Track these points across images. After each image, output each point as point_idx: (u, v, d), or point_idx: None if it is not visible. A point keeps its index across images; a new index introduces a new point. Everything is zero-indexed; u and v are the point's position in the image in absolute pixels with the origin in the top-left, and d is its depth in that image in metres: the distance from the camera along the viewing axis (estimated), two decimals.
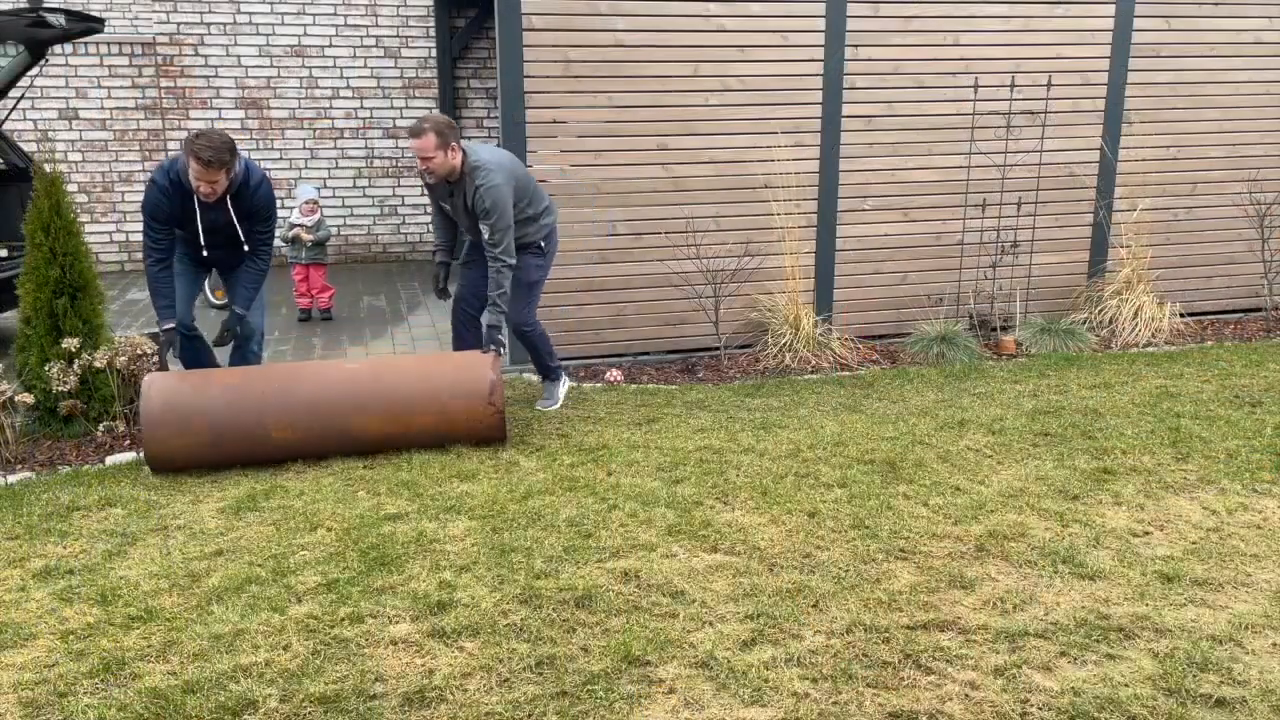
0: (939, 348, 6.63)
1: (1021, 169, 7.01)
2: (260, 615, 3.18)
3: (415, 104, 10.62)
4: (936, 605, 3.20)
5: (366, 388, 4.61)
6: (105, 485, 4.44)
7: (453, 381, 4.69)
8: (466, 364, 4.76)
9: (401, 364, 4.85)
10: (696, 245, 6.50)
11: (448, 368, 4.76)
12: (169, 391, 4.51)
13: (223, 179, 4.57)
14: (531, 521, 3.88)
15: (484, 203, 4.82)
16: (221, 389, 4.56)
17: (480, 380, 4.69)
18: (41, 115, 9.89)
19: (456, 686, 2.78)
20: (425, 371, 4.73)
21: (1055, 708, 2.66)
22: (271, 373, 4.76)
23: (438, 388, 4.66)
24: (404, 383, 4.65)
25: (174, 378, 4.64)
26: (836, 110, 6.68)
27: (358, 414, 4.57)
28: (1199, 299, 7.71)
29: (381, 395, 4.60)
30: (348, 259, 10.68)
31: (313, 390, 4.59)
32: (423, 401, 4.63)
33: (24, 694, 2.80)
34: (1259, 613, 3.15)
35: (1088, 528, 3.78)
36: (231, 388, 4.57)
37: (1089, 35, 7.01)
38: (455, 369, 4.74)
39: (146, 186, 4.62)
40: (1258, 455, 4.50)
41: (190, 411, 4.47)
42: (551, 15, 6.14)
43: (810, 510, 3.95)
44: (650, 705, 2.69)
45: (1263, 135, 7.55)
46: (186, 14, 10.00)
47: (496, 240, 4.86)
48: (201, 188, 4.56)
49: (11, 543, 3.86)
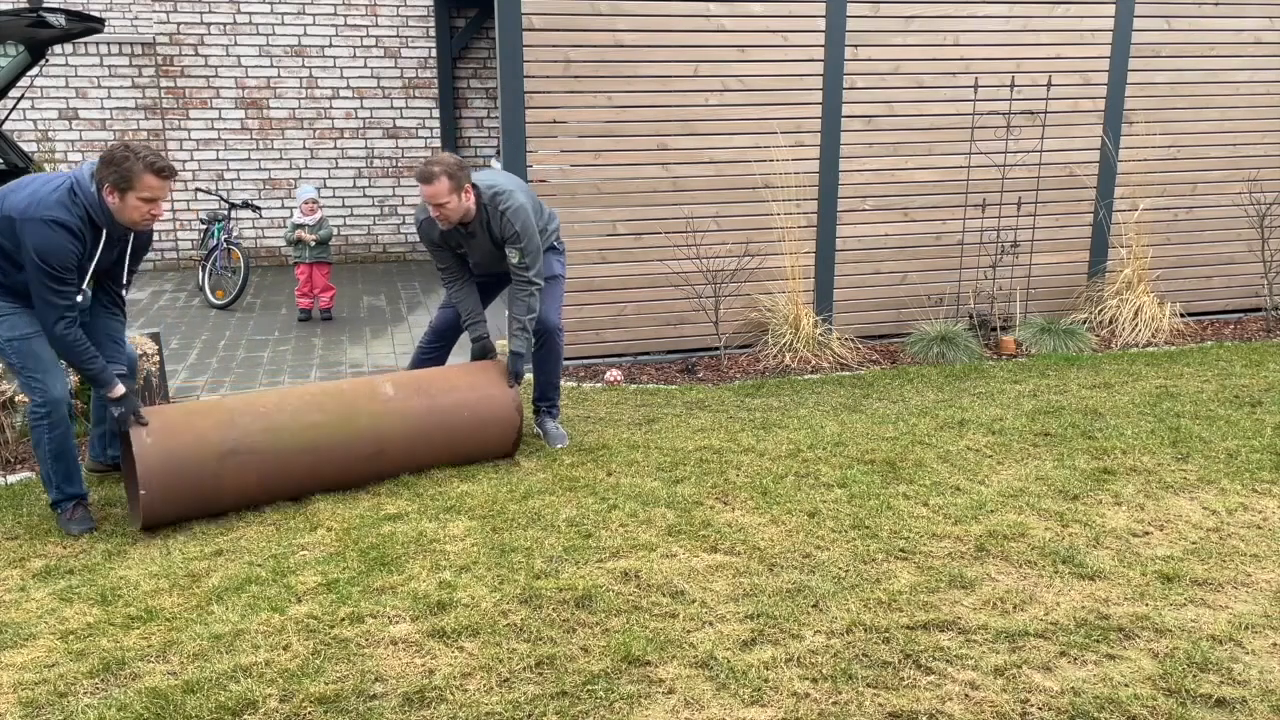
0: (939, 348, 6.63)
1: (1021, 169, 7.01)
2: (260, 615, 3.18)
3: (415, 104, 10.62)
4: (936, 605, 3.20)
5: (393, 462, 4.35)
6: (105, 485, 4.44)
7: (481, 443, 4.56)
8: (495, 417, 4.55)
9: (428, 428, 4.42)
10: (696, 245, 6.51)
11: (475, 425, 4.50)
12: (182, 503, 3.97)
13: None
14: (531, 521, 3.88)
15: (514, 225, 4.52)
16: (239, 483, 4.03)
17: (508, 435, 4.61)
18: (41, 115, 9.89)
19: (456, 686, 2.78)
20: (452, 437, 4.46)
21: (1055, 708, 2.66)
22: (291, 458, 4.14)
23: (467, 448, 4.51)
24: (432, 452, 4.43)
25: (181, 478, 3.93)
26: (836, 110, 6.68)
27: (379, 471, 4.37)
28: (1199, 299, 7.71)
29: (409, 463, 4.40)
30: (348, 259, 10.68)
31: (338, 469, 4.24)
32: (446, 457, 4.50)
33: (24, 694, 2.80)
34: (1259, 613, 3.15)
35: (1088, 528, 3.78)
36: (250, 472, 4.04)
37: (1089, 35, 7.01)
38: (482, 425, 4.52)
39: (52, 230, 3.65)
40: (1258, 455, 4.50)
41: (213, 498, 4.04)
42: (551, 15, 6.14)
43: (810, 510, 3.95)
44: (650, 705, 2.69)
45: (1263, 135, 7.55)
46: (186, 14, 10.00)
47: (529, 263, 4.57)
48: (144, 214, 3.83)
49: (11, 543, 3.86)
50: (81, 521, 4.02)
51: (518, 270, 4.60)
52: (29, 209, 3.68)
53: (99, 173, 3.73)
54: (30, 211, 3.68)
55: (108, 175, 3.71)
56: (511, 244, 4.56)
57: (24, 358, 3.89)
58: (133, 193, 3.73)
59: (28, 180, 3.84)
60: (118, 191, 3.72)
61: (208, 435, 3.99)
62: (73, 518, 4.02)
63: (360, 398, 4.34)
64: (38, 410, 3.94)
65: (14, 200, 3.73)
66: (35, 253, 3.66)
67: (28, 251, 3.68)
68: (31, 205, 3.68)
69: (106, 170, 3.71)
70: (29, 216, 3.67)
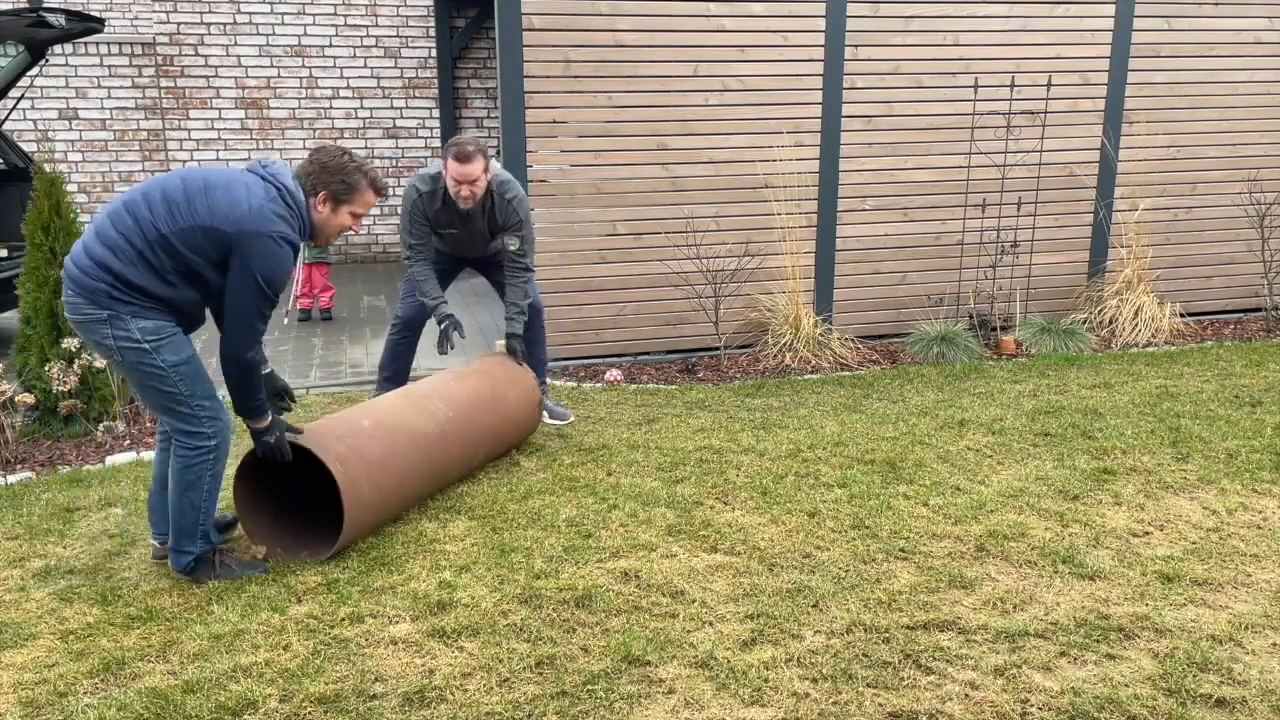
0: (939, 348, 6.63)
1: (1021, 169, 7.01)
2: (260, 615, 3.17)
3: (415, 104, 10.63)
4: (936, 605, 3.20)
5: (480, 465, 4.42)
6: (105, 485, 4.44)
7: (525, 425, 4.69)
8: (523, 383, 4.70)
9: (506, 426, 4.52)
10: (696, 245, 6.50)
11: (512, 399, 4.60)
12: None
13: None
14: (531, 521, 3.88)
15: (518, 215, 4.73)
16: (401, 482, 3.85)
17: (536, 410, 4.76)
18: (41, 115, 9.89)
19: (456, 686, 2.78)
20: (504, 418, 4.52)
21: (1055, 708, 2.66)
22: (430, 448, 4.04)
23: (512, 416, 4.59)
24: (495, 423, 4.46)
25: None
26: (836, 110, 6.68)
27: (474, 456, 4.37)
28: (1199, 299, 7.71)
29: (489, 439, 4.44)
30: (348, 259, 10.68)
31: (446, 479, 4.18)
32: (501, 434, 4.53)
33: (24, 694, 2.79)
34: (1259, 613, 3.15)
35: (1088, 528, 3.78)
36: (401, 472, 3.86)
37: (1089, 35, 7.01)
38: (520, 394, 4.64)
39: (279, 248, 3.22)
40: (1258, 455, 4.50)
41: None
42: (551, 15, 6.14)
43: (810, 510, 3.95)
44: (650, 705, 2.69)
45: (1263, 135, 7.55)
46: (186, 14, 10.00)
47: (527, 250, 4.79)
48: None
49: (11, 543, 3.86)
50: (252, 564, 3.50)
51: (516, 257, 4.79)
52: (249, 221, 3.13)
53: (313, 178, 3.31)
54: (253, 225, 3.13)
55: (327, 183, 3.31)
56: (514, 231, 4.76)
57: (193, 383, 3.29)
58: (347, 206, 3.37)
59: (217, 181, 3.21)
60: (333, 202, 3.34)
61: (375, 455, 3.70)
62: (233, 562, 3.49)
63: (481, 412, 4.35)
64: (204, 445, 3.33)
65: (220, 208, 3.14)
66: (260, 274, 3.15)
67: (247, 272, 3.15)
68: (250, 217, 3.13)
69: (326, 177, 3.31)
70: (254, 231, 3.13)
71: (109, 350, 3.23)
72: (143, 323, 3.18)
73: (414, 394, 4.24)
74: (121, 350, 3.20)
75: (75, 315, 3.23)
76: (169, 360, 3.23)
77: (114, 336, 3.18)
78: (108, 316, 3.16)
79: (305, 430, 3.60)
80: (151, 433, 5.14)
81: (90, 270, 3.15)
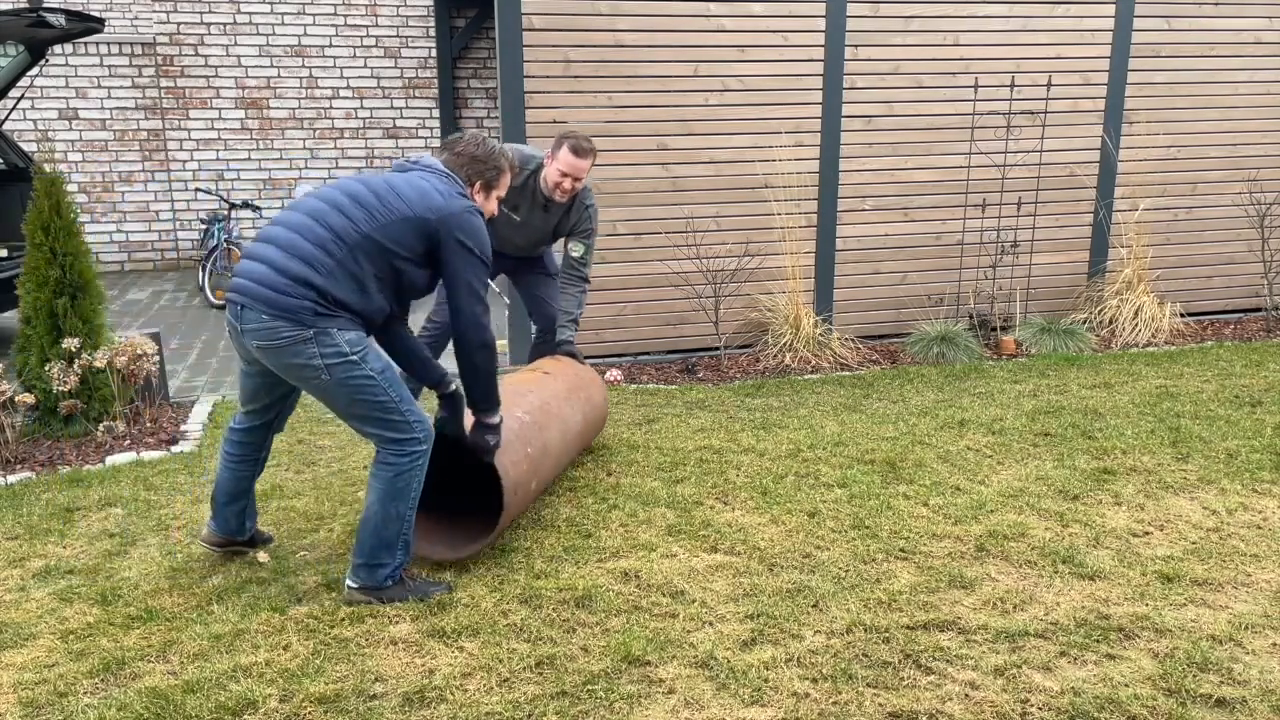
0: (939, 348, 6.63)
1: (1021, 169, 7.01)
2: (260, 615, 3.18)
3: (415, 104, 10.63)
4: (936, 605, 3.20)
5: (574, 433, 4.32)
6: (105, 485, 4.44)
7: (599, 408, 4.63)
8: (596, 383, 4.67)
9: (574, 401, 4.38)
10: (696, 245, 6.50)
11: (598, 398, 4.60)
12: None
13: None
14: (531, 521, 3.88)
15: (591, 223, 4.69)
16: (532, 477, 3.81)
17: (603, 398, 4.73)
18: (41, 115, 9.90)
19: (456, 686, 2.78)
20: (593, 417, 4.51)
21: (1055, 708, 2.66)
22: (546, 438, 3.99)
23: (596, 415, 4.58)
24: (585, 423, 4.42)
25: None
26: (836, 110, 6.68)
27: None
28: (1199, 299, 7.71)
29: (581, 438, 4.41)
30: None
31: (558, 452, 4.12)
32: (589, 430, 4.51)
33: (24, 694, 2.80)
34: (1259, 613, 3.15)
35: (1088, 528, 3.78)
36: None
37: (1089, 35, 7.01)
38: (599, 391, 4.63)
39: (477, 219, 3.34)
40: (1258, 455, 4.50)
41: None
42: (551, 15, 6.14)
43: (810, 510, 3.95)
44: (650, 705, 2.69)
45: (1263, 135, 7.55)
46: (186, 14, 10.00)
47: (588, 259, 4.73)
48: None
49: (11, 543, 3.86)
50: (435, 583, 3.38)
51: (577, 264, 4.72)
52: (445, 205, 3.23)
53: (467, 169, 3.41)
54: (450, 207, 3.23)
55: (482, 172, 3.42)
56: (582, 239, 4.70)
57: (399, 388, 3.22)
58: (496, 191, 3.50)
59: (395, 181, 3.27)
60: (486, 190, 3.46)
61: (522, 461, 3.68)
62: (419, 579, 3.40)
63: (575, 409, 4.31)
64: (417, 450, 3.25)
65: (416, 201, 3.21)
66: (474, 244, 3.26)
67: (463, 249, 3.23)
68: (444, 202, 3.23)
69: (480, 166, 3.42)
70: (452, 211, 3.23)
71: (314, 370, 3.10)
72: (348, 334, 3.11)
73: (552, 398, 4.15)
74: (329, 367, 3.09)
75: (271, 340, 3.07)
76: (376, 368, 3.17)
77: (321, 354, 3.07)
78: (314, 334, 3.06)
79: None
80: (151, 433, 5.15)
81: (289, 289, 3.04)
